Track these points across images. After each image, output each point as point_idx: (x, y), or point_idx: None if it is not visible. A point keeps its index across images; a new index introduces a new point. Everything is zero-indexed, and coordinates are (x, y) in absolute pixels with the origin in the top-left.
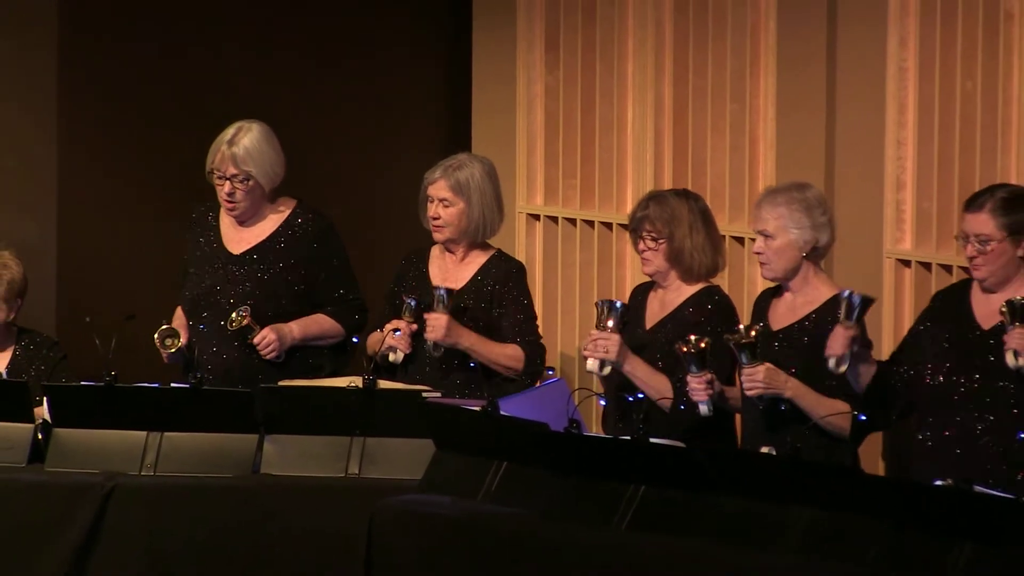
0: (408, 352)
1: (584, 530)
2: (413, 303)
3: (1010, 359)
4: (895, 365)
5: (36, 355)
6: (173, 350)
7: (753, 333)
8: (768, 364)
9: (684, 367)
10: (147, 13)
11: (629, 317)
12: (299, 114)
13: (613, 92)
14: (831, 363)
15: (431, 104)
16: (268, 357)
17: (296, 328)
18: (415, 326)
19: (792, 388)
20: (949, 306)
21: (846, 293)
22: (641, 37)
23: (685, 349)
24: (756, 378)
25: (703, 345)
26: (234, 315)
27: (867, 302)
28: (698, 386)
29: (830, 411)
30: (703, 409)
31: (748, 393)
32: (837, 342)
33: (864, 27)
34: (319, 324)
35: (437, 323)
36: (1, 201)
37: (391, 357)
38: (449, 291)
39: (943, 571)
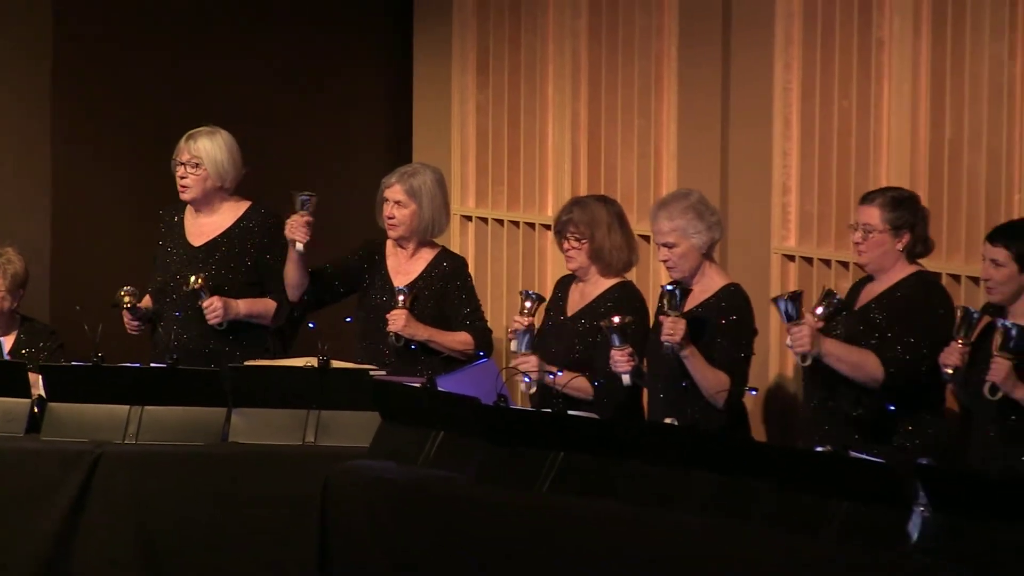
0: (304, 240)
1: (510, 492)
2: (305, 199)
3: (798, 358)
4: None
5: (36, 341)
6: (128, 306)
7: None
8: (685, 322)
9: (608, 341)
10: (139, 25)
11: (550, 306)
12: (266, 125)
13: (536, 109)
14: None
15: (378, 118)
16: (212, 322)
17: (243, 305)
18: (310, 218)
19: (690, 349)
20: (854, 292)
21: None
22: (560, 62)
23: (608, 324)
24: (678, 327)
25: (626, 321)
26: (192, 277)
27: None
28: (621, 358)
29: (714, 377)
30: (625, 379)
31: (664, 339)
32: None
33: (754, 53)
34: (264, 305)
35: (398, 318)
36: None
37: (297, 246)
38: (409, 290)
39: (822, 527)
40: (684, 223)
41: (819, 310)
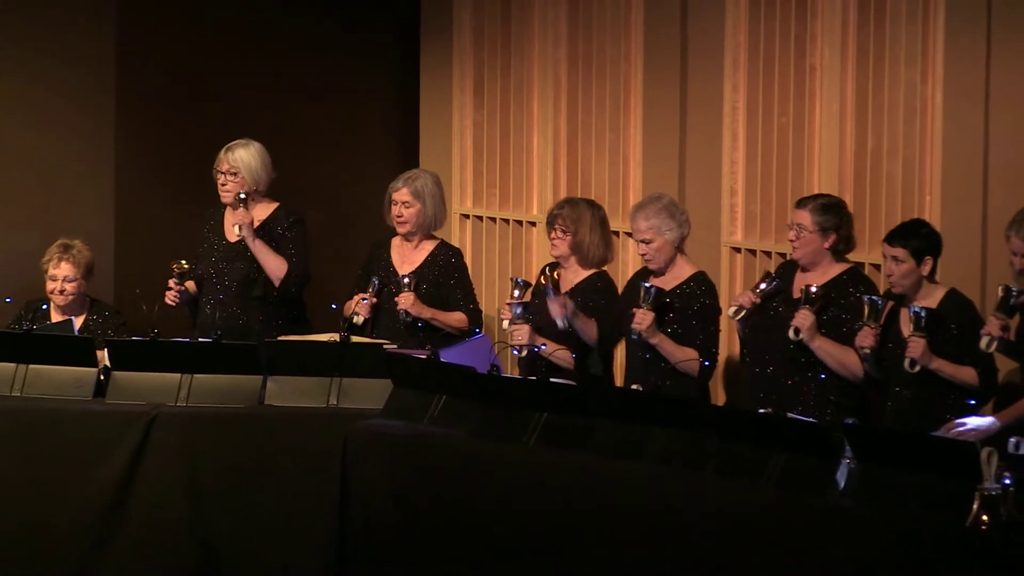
0: (368, 317)
1: (501, 446)
2: (376, 281)
3: (791, 333)
4: None
5: (103, 320)
6: (177, 275)
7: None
8: (654, 315)
9: (545, 294)
10: (187, 50)
11: (536, 290)
12: (294, 136)
13: (523, 125)
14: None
15: (389, 132)
16: (236, 218)
17: (259, 243)
18: (375, 299)
19: (658, 337)
20: (788, 276)
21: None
22: (543, 85)
23: (546, 279)
24: (646, 319)
25: (557, 275)
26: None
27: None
28: (554, 306)
29: (683, 354)
30: (560, 323)
31: (634, 327)
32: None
33: (706, 78)
34: (278, 259)
35: (406, 299)
36: (70, 202)
37: (355, 319)
38: (414, 276)
39: (763, 475)
40: (659, 222)
41: (762, 286)
